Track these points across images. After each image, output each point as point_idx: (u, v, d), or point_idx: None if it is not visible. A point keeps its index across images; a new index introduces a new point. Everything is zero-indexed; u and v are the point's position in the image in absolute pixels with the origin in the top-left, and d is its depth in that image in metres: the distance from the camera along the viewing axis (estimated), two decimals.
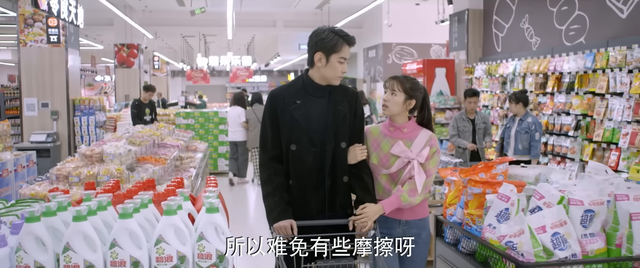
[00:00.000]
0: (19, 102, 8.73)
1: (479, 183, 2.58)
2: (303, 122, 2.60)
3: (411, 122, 2.81)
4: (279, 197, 2.60)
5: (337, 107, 2.66)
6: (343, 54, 2.63)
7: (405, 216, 2.80)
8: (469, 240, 2.62)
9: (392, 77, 2.82)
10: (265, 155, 2.67)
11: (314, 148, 2.61)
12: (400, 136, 2.78)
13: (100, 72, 26.32)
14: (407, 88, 2.74)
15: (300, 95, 2.65)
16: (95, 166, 3.98)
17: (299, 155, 2.61)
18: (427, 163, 2.73)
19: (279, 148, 2.65)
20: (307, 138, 2.61)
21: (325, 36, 2.60)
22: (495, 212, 2.42)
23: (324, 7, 13.94)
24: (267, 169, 2.65)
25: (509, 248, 2.22)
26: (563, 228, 2.19)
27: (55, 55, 8.54)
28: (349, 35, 2.65)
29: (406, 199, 2.68)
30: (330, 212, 2.66)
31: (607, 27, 6.30)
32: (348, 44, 2.63)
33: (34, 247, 1.79)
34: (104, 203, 1.96)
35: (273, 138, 2.65)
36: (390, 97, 2.76)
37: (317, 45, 2.62)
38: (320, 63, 2.63)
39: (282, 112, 2.63)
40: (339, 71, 2.65)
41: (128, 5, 14.25)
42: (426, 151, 2.71)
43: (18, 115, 12.27)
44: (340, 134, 2.65)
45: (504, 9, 8.72)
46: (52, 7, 5.86)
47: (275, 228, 2.55)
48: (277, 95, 2.69)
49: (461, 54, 9.61)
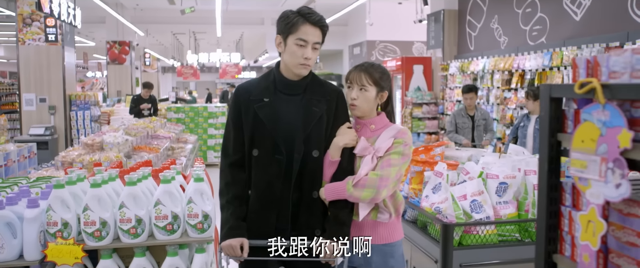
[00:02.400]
0: (18, 97, 9.19)
1: (419, 162, 3.14)
2: (268, 124, 2.17)
3: (380, 117, 2.33)
4: (231, 211, 2.20)
5: (311, 108, 2.21)
6: (301, 34, 2.14)
7: (372, 240, 2.25)
8: (412, 210, 3.17)
9: (358, 68, 2.32)
10: (225, 160, 2.27)
11: (280, 156, 2.18)
12: (367, 134, 2.31)
13: (91, 68, 26.68)
14: (377, 79, 2.27)
15: (269, 91, 2.23)
16: (96, 153, 4.49)
17: (262, 162, 2.19)
18: (386, 154, 2.21)
19: (241, 152, 2.24)
20: (272, 143, 2.18)
21: (283, 16, 2.19)
22: (431, 186, 2.98)
23: (310, 5, 14.46)
24: (225, 177, 2.25)
25: (437, 213, 2.78)
26: (480, 197, 2.74)
27: (53, 53, 9.01)
28: (313, 12, 2.17)
29: (350, 188, 2.16)
30: (293, 232, 2.18)
31: (564, 28, 6.88)
32: (309, 22, 2.14)
33: (60, 207, 2.32)
34: (113, 175, 2.50)
35: (235, 140, 2.24)
36: (360, 94, 2.27)
37: (277, 29, 2.22)
38: (280, 48, 2.21)
39: (246, 111, 2.22)
40: (300, 56, 2.16)
41: (120, 3, 14.68)
42: (388, 143, 2.23)
43: (14, 110, 12.71)
44: (312, 140, 2.19)
45: (476, 10, 9.29)
46: (54, 9, 6.35)
47: (223, 248, 2.17)
48: (243, 90, 2.28)
49: (438, 51, 10.18)
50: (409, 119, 10.04)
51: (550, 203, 1.50)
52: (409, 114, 10.05)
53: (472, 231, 2.71)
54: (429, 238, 2.90)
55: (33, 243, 2.28)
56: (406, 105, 10.20)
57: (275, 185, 2.19)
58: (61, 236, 2.31)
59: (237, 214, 2.20)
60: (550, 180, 1.49)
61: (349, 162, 2.25)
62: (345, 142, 2.23)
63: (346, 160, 2.24)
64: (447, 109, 9.73)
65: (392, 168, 2.18)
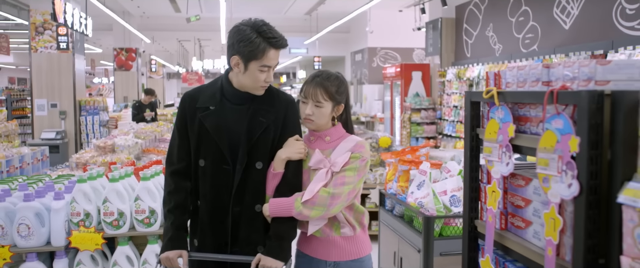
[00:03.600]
0: (30, 102, 9.54)
1: (406, 162, 3.43)
2: (214, 133, 2.09)
3: (336, 128, 2.23)
4: (172, 220, 2.11)
5: (257, 118, 2.11)
6: (266, 61, 2.05)
7: (333, 256, 2.17)
8: (400, 206, 3.46)
9: (313, 81, 2.18)
10: (168, 168, 2.18)
11: (227, 167, 2.10)
12: (322, 146, 2.21)
13: (98, 74, 27.12)
14: (333, 93, 2.16)
15: (215, 100, 2.13)
16: (108, 155, 4.80)
17: (209, 172, 2.11)
18: (342, 170, 2.11)
19: (186, 161, 2.15)
20: (218, 153, 2.10)
21: (245, 37, 2.02)
22: (416, 183, 3.27)
23: (312, 13, 14.83)
24: (167, 186, 2.17)
25: (420, 207, 3.07)
26: (459, 192, 3.03)
27: (64, 60, 9.38)
28: (277, 36, 2.05)
29: (298, 206, 2.05)
30: (234, 247, 2.11)
31: (554, 36, 7.17)
32: (275, 48, 2.06)
33: (82, 199, 2.63)
34: (129, 172, 2.81)
35: (180, 148, 2.16)
36: (315, 110, 2.16)
37: (234, 47, 2.05)
38: (238, 68, 2.08)
39: (192, 119, 2.13)
40: (261, 81, 2.08)
41: (127, 11, 15.05)
42: (345, 157, 2.12)
43: (24, 116, 13.08)
44: (257, 151, 2.10)
45: (472, 18, 9.59)
46: (67, 19, 6.70)
47: (161, 260, 2.10)
48: (189, 97, 2.18)
49: (436, 58, 10.48)
50: (407, 124, 10.34)
51: (471, 181, 1.90)
52: (408, 119, 10.34)
53: (451, 223, 3.00)
54: (413, 230, 3.19)
55: (59, 231, 2.58)
56: (405, 110, 10.49)
57: (223, 197, 2.11)
58: (83, 225, 2.61)
59: (177, 224, 2.11)
60: (472, 163, 1.89)
61: (294, 174, 2.14)
62: (287, 154, 2.12)
63: (291, 173, 2.13)
64: (444, 115, 10.01)
65: (345, 186, 2.08)
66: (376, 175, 5.42)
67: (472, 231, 1.91)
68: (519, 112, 1.68)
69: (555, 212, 1.42)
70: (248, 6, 14.20)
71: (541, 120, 1.54)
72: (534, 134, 1.60)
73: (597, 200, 1.31)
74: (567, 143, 1.36)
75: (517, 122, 1.67)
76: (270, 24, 2.08)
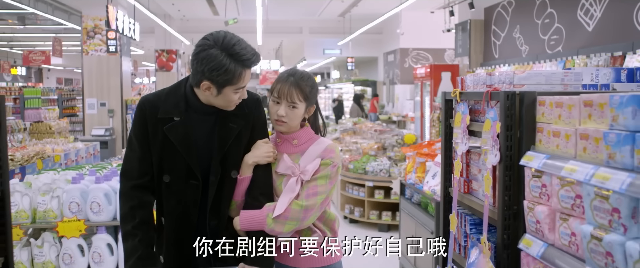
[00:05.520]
0: (82, 101, 10.28)
1: (423, 155, 3.82)
2: (180, 148, 1.94)
3: (304, 131, 2.13)
4: (140, 237, 1.95)
5: (227, 124, 1.99)
6: (242, 82, 1.91)
7: (303, 263, 2.08)
8: (417, 194, 3.85)
9: (288, 80, 2.05)
10: (127, 182, 2.01)
11: (195, 181, 1.97)
12: (290, 150, 2.11)
13: (139, 74, 28.18)
14: (307, 94, 2.07)
15: (179, 110, 1.97)
16: None
17: (174, 189, 1.98)
18: (313, 179, 2.01)
19: (147, 175, 1.99)
20: (185, 167, 1.96)
21: (218, 65, 1.84)
22: (431, 173, 3.65)
23: (346, 15, 15.25)
24: (129, 200, 1.99)
25: (433, 194, 3.45)
26: None
27: (112, 62, 10.08)
28: (250, 53, 1.89)
29: (270, 222, 1.96)
30: (217, 261, 2.01)
31: (578, 38, 7.39)
32: (248, 67, 1.92)
33: None
34: None
35: (141, 161, 1.99)
36: (289, 112, 2.04)
37: (204, 74, 1.87)
38: (209, 92, 1.92)
39: (154, 130, 1.96)
40: (235, 100, 1.96)
41: (168, 14, 15.77)
42: (315, 164, 2.02)
43: (73, 114, 13.92)
44: (230, 159, 2.00)
45: (500, 20, 9.84)
46: (118, 26, 7.31)
47: None
48: (149, 105, 1.98)
49: (464, 59, 10.75)
50: (436, 122, 10.64)
51: (446, 158, 2.61)
52: (437, 118, 10.64)
53: None
54: (428, 215, 3.58)
55: None
56: (434, 110, 10.79)
57: (192, 213, 1.99)
58: None
59: (147, 242, 1.97)
60: (446, 144, 2.62)
61: (263, 178, 2.05)
62: (254, 159, 2.03)
63: (260, 177, 2.04)
64: None
65: (317, 197, 1.98)
66: (401, 170, 5.80)
67: (446, 195, 2.61)
68: (475, 107, 2.34)
69: (490, 175, 2.08)
70: (283, 7, 14.72)
71: (481, 111, 2.27)
72: (481, 122, 2.21)
73: (512, 164, 1.97)
74: (495, 127, 2.00)
75: (473, 114, 2.33)
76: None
